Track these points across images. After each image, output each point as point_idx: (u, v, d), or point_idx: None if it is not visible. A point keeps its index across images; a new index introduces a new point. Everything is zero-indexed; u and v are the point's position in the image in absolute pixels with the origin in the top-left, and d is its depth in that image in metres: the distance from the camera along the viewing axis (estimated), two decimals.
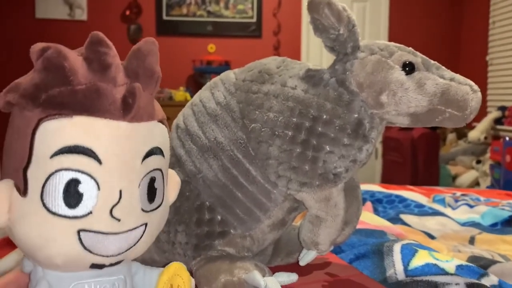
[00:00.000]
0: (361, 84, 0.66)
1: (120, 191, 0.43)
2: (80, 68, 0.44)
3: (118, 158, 0.43)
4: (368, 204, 1.37)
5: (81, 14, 4.03)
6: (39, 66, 0.43)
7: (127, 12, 4.09)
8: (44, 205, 0.41)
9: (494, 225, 1.24)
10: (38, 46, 0.44)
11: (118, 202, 0.43)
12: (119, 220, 0.43)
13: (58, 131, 0.42)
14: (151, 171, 0.46)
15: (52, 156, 0.41)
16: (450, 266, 0.72)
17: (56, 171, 0.41)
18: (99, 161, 0.42)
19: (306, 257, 0.73)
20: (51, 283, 0.45)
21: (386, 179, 3.52)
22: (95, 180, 0.42)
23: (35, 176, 0.42)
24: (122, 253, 0.46)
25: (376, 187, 1.61)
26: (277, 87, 0.68)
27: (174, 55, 4.11)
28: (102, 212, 0.43)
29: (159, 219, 0.49)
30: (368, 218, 1.10)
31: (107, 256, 0.45)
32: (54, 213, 0.41)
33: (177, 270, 0.53)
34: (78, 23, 4.04)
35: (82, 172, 0.41)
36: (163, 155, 0.48)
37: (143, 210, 0.46)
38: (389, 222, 1.15)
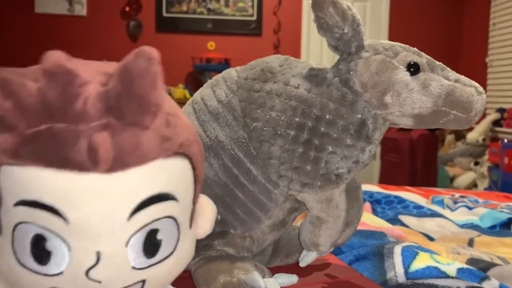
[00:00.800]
0: (365, 84, 0.65)
1: (98, 253, 0.36)
2: (32, 105, 0.33)
3: (90, 216, 0.35)
4: (367, 204, 1.36)
5: (81, 10, 4.02)
6: None
7: (127, 8, 4.08)
8: (14, 253, 0.36)
9: (492, 227, 1.24)
10: None
11: (96, 264, 0.36)
12: (99, 282, 0.36)
13: (16, 180, 0.35)
14: (150, 223, 0.38)
15: (15, 205, 0.35)
16: (451, 269, 0.71)
17: (20, 223, 0.35)
18: (65, 220, 0.35)
19: (306, 258, 0.73)
20: None
21: (384, 180, 3.52)
22: (63, 239, 0.35)
23: (5, 219, 0.36)
24: None
25: (374, 188, 1.61)
26: (279, 86, 0.67)
27: (173, 52, 4.10)
28: (76, 274, 0.36)
29: (165, 272, 0.41)
30: (368, 219, 1.10)
31: None
32: (23, 266, 0.36)
33: None
34: (78, 18, 4.03)
35: (48, 230, 0.35)
36: (175, 199, 0.40)
37: (135, 268, 0.38)
38: (388, 223, 1.14)
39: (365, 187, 1.58)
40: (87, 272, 0.36)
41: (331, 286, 0.72)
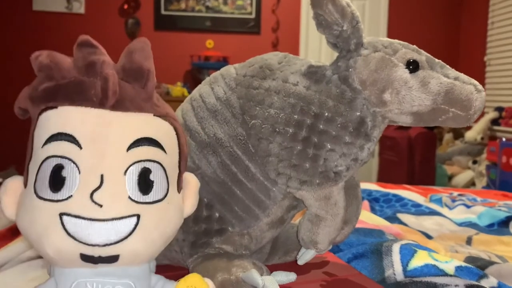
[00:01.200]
0: (364, 82, 0.65)
1: (102, 176, 0.44)
2: (66, 66, 0.48)
3: (98, 143, 0.45)
4: (365, 203, 1.36)
5: (79, 7, 4.01)
6: (35, 71, 0.48)
7: (125, 6, 4.07)
8: (35, 191, 0.45)
9: (490, 225, 1.24)
10: (35, 53, 0.49)
11: (100, 187, 0.44)
12: (101, 205, 0.43)
13: (46, 121, 0.46)
14: (142, 161, 0.47)
15: (43, 146, 0.46)
16: (450, 267, 0.71)
17: (45, 159, 0.45)
18: (79, 146, 0.45)
19: (305, 256, 0.73)
20: (57, 280, 0.46)
21: (382, 178, 3.52)
22: (75, 164, 0.44)
23: (32, 168, 0.46)
24: (111, 244, 0.44)
25: (373, 186, 1.61)
26: (278, 83, 0.67)
27: (172, 50, 4.09)
28: (82, 196, 0.44)
29: (157, 214, 0.47)
30: (367, 217, 1.10)
31: (93, 245, 0.44)
32: (40, 197, 0.45)
33: (194, 281, 0.53)
34: (76, 16, 4.02)
35: (64, 158, 0.44)
36: (163, 150, 0.49)
37: (132, 199, 0.45)
38: (386, 221, 1.14)
39: (364, 185, 1.58)
40: (91, 195, 0.44)
41: (330, 284, 0.72)
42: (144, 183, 0.46)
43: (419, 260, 0.74)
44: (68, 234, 0.43)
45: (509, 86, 3.73)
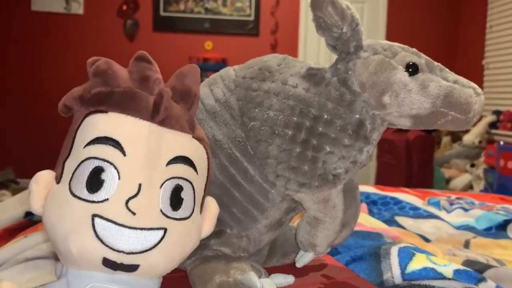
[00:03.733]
0: (364, 84, 0.65)
1: (140, 185, 0.46)
2: (122, 76, 0.49)
3: (141, 153, 0.47)
4: (363, 205, 1.36)
5: (78, 8, 4.01)
6: (90, 74, 0.50)
7: (124, 7, 4.06)
8: (69, 188, 0.46)
9: (488, 229, 1.24)
10: (92, 58, 0.51)
11: (136, 195, 0.45)
12: (134, 213, 0.44)
13: (93, 124, 0.47)
14: (177, 177, 0.48)
15: (85, 146, 0.47)
16: (448, 271, 0.71)
17: (86, 159, 0.46)
18: (124, 153, 0.46)
19: (303, 259, 0.72)
20: (69, 281, 0.46)
21: (380, 181, 3.52)
22: (117, 169, 0.45)
23: (70, 165, 0.47)
24: (135, 253, 0.44)
25: (371, 189, 1.61)
26: (277, 85, 0.67)
27: (170, 51, 4.09)
28: (118, 201, 0.44)
29: (181, 231, 0.48)
30: (365, 220, 1.10)
31: (118, 251, 0.44)
32: (75, 195, 0.45)
33: None
34: (74, 17, 4.02)
35: (106, 161, 0.45)
36: (196, 171, 0.50)
37: (163, 213, 0.46)
38: (384, 224, 1.14)
39: (362, 188, 1.57)
40: (127, 202, 0.44)
41: (328, 287, 0.72)
42: (175, 199, 0.48)
43: (418, 263, 0.74)
44: (97, 236, 0.44)
45: (507, 89, 3.74)
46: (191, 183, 0.50)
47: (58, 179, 0.48)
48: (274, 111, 0.65)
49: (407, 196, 1.52)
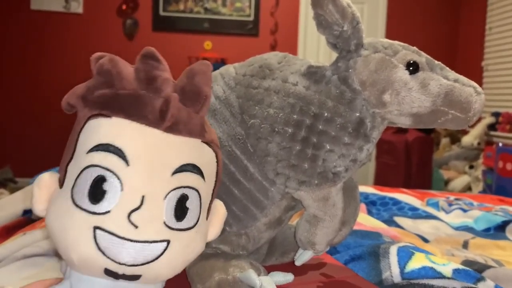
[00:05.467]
0: (364, 82, 0.65)
1: (143, 197, 0.44)
2: (127, 76, 0.47)
3: (145, 163, 0.45)
4: (362, 206, 1.36)
5: (77, 7, 4.01)
6: (93, 71, 0.48)
7: (124, 7, 4.06)
8: (71, 196, 0.44)
9: (487, 230, 1.24)
10: (96, 54, 0.49)
11: (139, 207, 0.44)
12: (136, 226, 0.43)
13: (96, 129, 0.46)
14: (183, 187, 0.46)
15: (88, 152, 0.45)
16: (447, 270, 0.71)
17: (88, 166, 0.44)
18: (127, 162, 0.44)
19: (302, 257, 0.72)
20: (72, 284, 0.46)
21: (379, 182, 3.52)
22: (119, 180, 0.44)
23: (72, 170, 0.46)
24: (137, 265, 0.44)
25: (370, 189, 1.61)
26: (278, 82, 0.67)
27: (170, 51, 4.07)
28: (120, 214, 0.43)
29: (185, 242, 0.47)
30: (364, 220, 1.10)
31: (119, 264, 0.43)
32: (77, 205, 0.44)
33: None
34: (74, 16, 4.01)
35: (109, 170, 0.44)
36: (203, 177, 0.49)
37: (166, 225, 0.45)
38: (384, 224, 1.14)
39: (360, 188, 1.57)
40: (129, 215, 0.43)
41: (327, 286, 0.72)
42: (180, 209, 0.46)
43: (417, 262, 0.74)
44: (98, 248, 0.43)
45: (506, 91, 3.75)
46: (197, 191, 0.48)
47: (61, 183, 0.47)
48: (274, 108, 0.65)
49: (406, 197, 1.52)
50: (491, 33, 3.96)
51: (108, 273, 0.44)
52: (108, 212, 0.43)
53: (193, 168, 0.48)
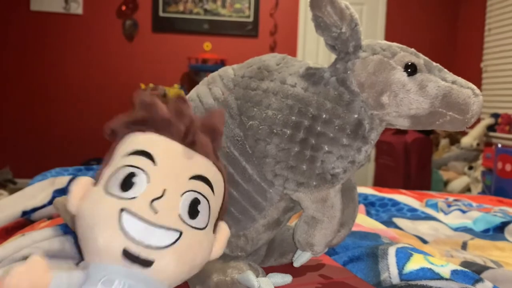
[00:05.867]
0: (362, 84, 0.65)
1: (164, 190, 0.52)
2: (162, 108, 0.58)
3: (169, 165, 0.54)
4: (361, 207, 1.37)
5: (77, 8, 4.01)
6: (136, 105, 0.59)
7: (123, 8, 4.06)
8: (104, 188, 0.52)
9: (486, 231, 1.24)
10: (138, 91, 0.60)
11: (160, 197, 0.51)
12: (156, 212, 0.50)
13: (132, 140, 0.56)
14: (197, 192, 0.54)
15: (123, 157, 0.55)
16: (445, 271, 0.71)
17: (123, 166, 0.53)
18: (154, 162, 0.53)
19: (301, 258, 0.72)
20: (89, 273, 0.51)
21: (378, 183, 3.52)
22: (147, 175, 0.52)
23: (108, 171, 0.55)
24: (151, 248, 0.49)
25: (369, 190, 1.61)
26: (276, 84, 0.67)
27: (169, 52, 4.09)
28: (144, 200, 0.51)
29: (195, 239, 0.53)
30: (363, 221, 1.10)
31: (137, 244, 0.49)
32: (107, 192, 0.52)
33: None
34: (73, 17, 4.01)
35: (139, 168, 0.53)
36: (213, 191, 0.57)
37: (180, 218, 0.52)
38: (382, 225, 1.14)
39: (360, 189, 1.57)
40: (152, 202, 0.51)
41: (325, 287, 0.72)
42: (193, 210, 0.53)
43: (415, 263, 0.74)
44: (121, 228, 0.49)
45: (505, 92, 3.75)
46: (207, 200, 0.55)
47: (95, 183, 0.55)
48: (272, 110, 0.65)
49: (404, 198, 1.52)
50: (490, 34, 3.97)
51: (126, 254, 0.49)
52: (134, 198, 0.51)
53: (206, 181, 0.56)
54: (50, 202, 1.09)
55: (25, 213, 1.08)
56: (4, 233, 0.99)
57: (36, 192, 1.18)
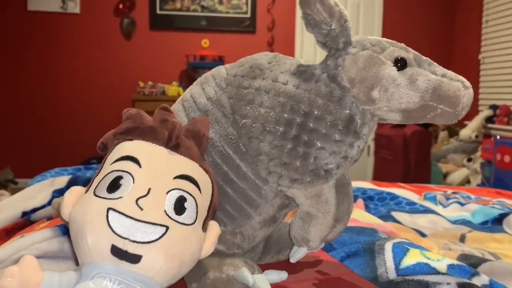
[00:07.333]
0: (353, 80, 0.65)
1: (149, 189, 0.55)
2: (147, 118, 0.63)
3: (154, 167, 0.57)
4: (360, 201, 1.37)
5: (74, 7, 4.00)
6: (123, 118, 0.64)
7: (120, 6, 4.06)
8: (94, 192, 0.55)
9: (484, 223, 1.24)
10: (126, 109, 0.65)
11: (145, 196, 0.54)
12: (141, 209, 0.52)
13: (120, 148, 0.60)
14: (182, 190, 0.57)
15: (111, 164, 0.58)
16: (442, 266, 0.71)
17: (111, 171, 0.56)
18: (140, 165, 0.57)
19: (297, 254, 0.73)
20: (82, 272, 0.53)
21: (378, 177, 3.53)
22: (132, 176, 0.55)
23: (97, 178, 0.58)
24: (138, 243, 0.51)
25: (367, 184, 1.61)
26: (268, 82, 0.67)
27: (167, 49, 4.09)
28: (129, 199, 0.53)
29: (182, 234, 0.54)
30: (359, 216, 1.10)
31: (123, 238, 0.51)
32: (96, 195, 0.55)
33: None
34: (71, 16, 4.01)
35: (125, 171, 0.56)
36: (199, 190, 0.59)
37: (166, 213, 0.54)
38: (380, 219, 1.14)
39: (358, 183, 1.58)
40: (137, 200, 0.53)
41: (322, 283, 0.72)
42: (179, 206, 0.55)
43: (411, 258, 0.74)
44: (109, 225, 0.51)
45: (503, 84, 3.74)
46: (194, 198, 0.57)
47: (87, 190, 0.58)
48: (265, 108, 0.65)
49: (403, 191, 1.52)
50: (488, 26, 3.96)
51: (114, 251, 0.51)
52: (120, 197, 0.53)
53: (191, 181, 0.58)
54: (50, 203, 1.10)
55: (25, 214, 1.09)
56: (5, 234, 0.99)
57: (35, 193, 1.19)
